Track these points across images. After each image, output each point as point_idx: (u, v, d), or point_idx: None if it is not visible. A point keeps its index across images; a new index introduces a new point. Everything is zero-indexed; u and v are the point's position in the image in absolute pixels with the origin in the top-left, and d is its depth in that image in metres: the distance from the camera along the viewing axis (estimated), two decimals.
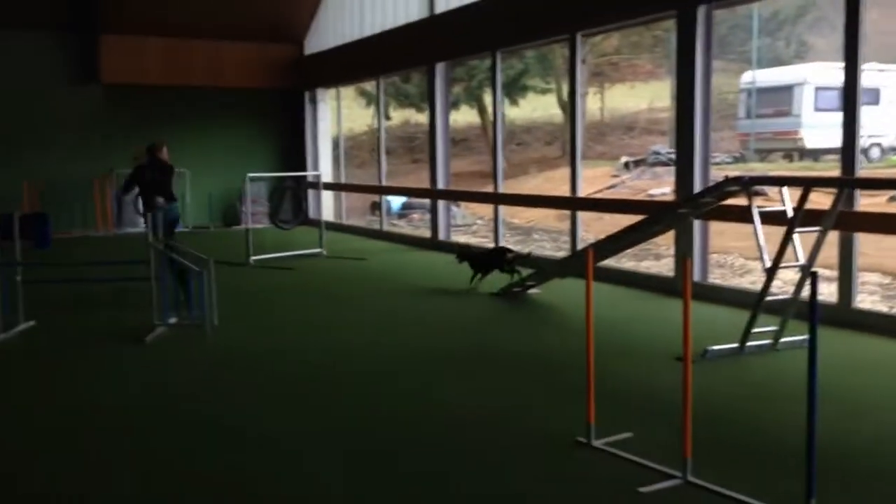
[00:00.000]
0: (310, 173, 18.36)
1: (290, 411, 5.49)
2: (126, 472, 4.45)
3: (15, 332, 7.84)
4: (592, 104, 26.39)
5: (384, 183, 16.90)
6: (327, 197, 18.72)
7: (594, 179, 19.41)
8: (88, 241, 11.00)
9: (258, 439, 4.92)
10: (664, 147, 21.15)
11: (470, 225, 18.68)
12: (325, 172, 18.80)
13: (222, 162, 19.09)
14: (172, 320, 7.91)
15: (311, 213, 18.32)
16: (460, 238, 15.74)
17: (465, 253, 10.31)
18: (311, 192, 18.84)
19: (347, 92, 21.32)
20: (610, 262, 10.20)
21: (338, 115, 19.43)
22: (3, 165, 16.99)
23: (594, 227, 15.39)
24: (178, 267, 8.50)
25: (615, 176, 21.04)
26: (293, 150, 19.85)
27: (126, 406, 5.67)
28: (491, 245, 12.05)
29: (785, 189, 6.94)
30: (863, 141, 8.06)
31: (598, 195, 17.65)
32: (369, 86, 21.86)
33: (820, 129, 19.30)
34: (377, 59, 16.20)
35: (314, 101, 19.43)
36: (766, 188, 9.87)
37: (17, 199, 16.59)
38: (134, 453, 4.73)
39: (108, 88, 18.07)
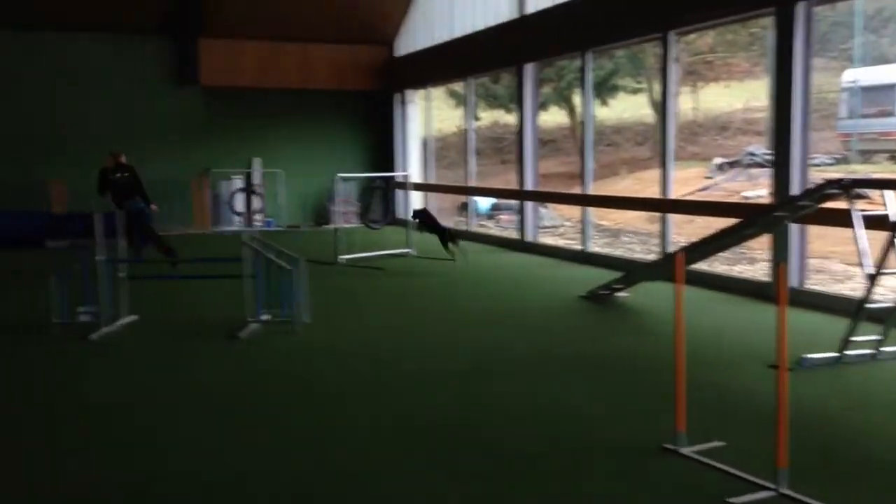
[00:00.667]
0: (398, 174, 18.56)
1: (380, 409, 5.56)
2: (209, 461, 4.60)
3: (118, 325, 8.20)
4: (685, 104, 25.82)
5: (472, 184, 16.95)
6: (416, 197, 18.88)
7: (686, 181, 19.00)
8: (187, 239, 11.44)
9: (348, 437, 5.01)
10: (760, 148, 20.54)
11: (557, 226, 18.55)
12: (414, 173, 18.97)
13: (314, 162, 19.49)
14: (265, 317, 8.12)
15: (400, 214, 18.51)
16: (542, 239, 15.64)
17: (422, 219, 11.78)
18: (399, 193, 19.04)
19: (437, 93, 21.45)
20: (701, 266, 9.99)
21: (427, 116, 19.58)
22: None
23: (686, 229, 15.08)
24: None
25: (708, 178, 20.55)
26: (383, 150, 20.12)
27: (216, 397, 5.86)
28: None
29: (888, 192, 6.66)
30: None
31: (690, 197, 17.27)
32: (459, 87, 21.97)
33: None
34: (466, 61, 16.26)
35: (404, 102, 19.63)
36: (869, 191, 9.49)
37: None
38: (221, 442, 4.89)
39: (206, 91, 18.68)
